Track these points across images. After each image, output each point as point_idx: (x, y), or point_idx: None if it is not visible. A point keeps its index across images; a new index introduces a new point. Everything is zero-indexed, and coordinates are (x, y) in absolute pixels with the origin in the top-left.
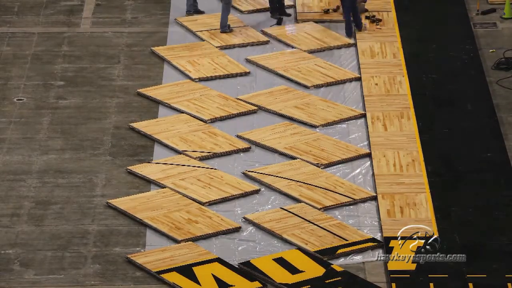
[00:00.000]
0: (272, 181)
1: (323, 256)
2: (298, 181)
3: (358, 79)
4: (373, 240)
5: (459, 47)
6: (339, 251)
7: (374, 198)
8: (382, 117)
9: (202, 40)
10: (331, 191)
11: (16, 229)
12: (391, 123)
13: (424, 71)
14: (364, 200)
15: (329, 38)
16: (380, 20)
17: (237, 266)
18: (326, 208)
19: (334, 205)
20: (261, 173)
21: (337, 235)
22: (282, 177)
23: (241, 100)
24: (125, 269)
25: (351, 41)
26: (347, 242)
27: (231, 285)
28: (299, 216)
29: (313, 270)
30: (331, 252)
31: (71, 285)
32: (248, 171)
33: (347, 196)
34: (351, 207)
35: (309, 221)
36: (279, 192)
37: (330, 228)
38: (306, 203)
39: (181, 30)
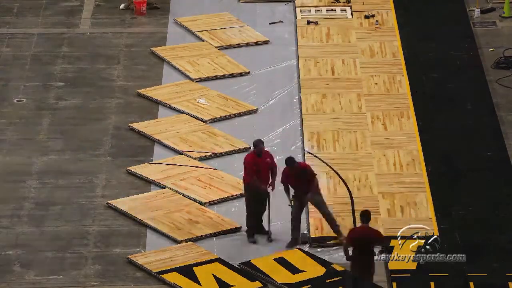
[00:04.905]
0: None
1: (323, 242)
2: None
3: None
4: None
5: (458, 46)
6: (337, 241)
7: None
8: (382, 116)
9: (202, 40)
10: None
11: (16, 230)
12: (391, 123)
13: (424, 70)
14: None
15: None
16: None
17: (237, 266)
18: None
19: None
20: None
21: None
22: None
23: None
24: (125, 270)
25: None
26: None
27: (232, 285)
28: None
29: (314, 269)
30: (331, 240)
31: (72, 286)
32: None
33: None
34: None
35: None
36: None
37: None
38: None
39: (181, 30)
